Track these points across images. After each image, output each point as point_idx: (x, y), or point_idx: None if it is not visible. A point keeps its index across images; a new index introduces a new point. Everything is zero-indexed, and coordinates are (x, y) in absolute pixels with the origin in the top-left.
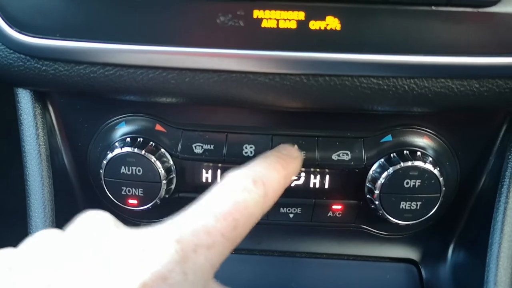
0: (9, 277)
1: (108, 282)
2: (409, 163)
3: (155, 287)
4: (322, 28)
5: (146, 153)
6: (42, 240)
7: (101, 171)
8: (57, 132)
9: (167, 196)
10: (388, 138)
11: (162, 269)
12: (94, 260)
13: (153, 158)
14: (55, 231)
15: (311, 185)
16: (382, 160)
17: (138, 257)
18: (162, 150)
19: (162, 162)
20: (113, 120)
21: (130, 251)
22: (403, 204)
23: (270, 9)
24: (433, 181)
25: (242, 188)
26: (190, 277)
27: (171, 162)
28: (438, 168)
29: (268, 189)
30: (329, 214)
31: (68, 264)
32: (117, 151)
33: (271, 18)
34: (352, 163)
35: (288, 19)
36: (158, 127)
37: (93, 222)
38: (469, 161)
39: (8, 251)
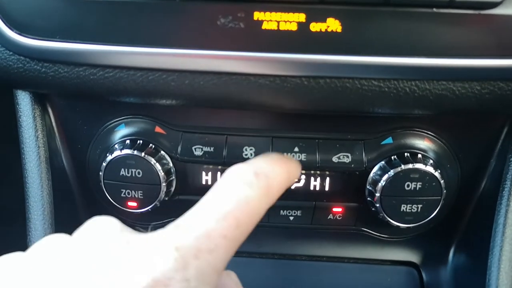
0: (17, 281)
1: (121, 273)
2: (410, 166)
3: (164, 285)
4: (323, 30)
5: (146, 155)
6: (49, 245)
7: (100, 173)
8: (57, 134)
9: (166, 198)
10: (389, 140)
11: (162, 276)
12: (98, 266)
13: (152, 160)
14: (63, 236)
15: (312, 188)
16: (383, 162)
17: (138, 263)
18: (162, 152)
19: (162, 164)
20: (113, 122)
21: (130, 258)
22: (403, 206)
23: (270, 11)
24: (434, 183)
25: (243, 182)
26: (192, 284)
27: (171, 164)
28: (439, 171)
29: (271, 181)
30: (329, 217)
31: (71, 269)
32: (117, 153)
33: (271, 20)
34: (352, 165)
35: (288, 21)
36: (158, 129)
37: (100, 228)
38: (470, 164)
39: (16, 255)
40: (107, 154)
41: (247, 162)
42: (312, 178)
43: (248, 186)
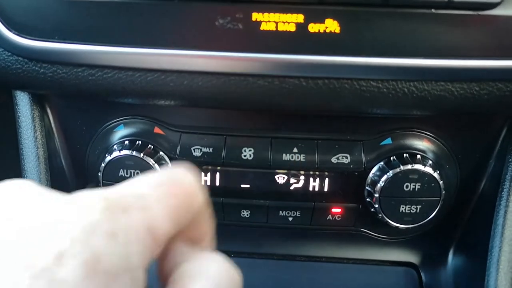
0: None
1: (35, 236)
2: (409, 166)
3: (85, 242)
4: (321, 31)
5: (145, 156)
6: None
7: (99, 174)
8: (55, 134)
9: None
10: (388, 141)
11: (87, 227)
12: (20, 217)
13: (151, 161)
14: None
15: (311, 188)
16: (382, 163)
17: (62, 211)
18: (161, 153)
19: (161, 165)
20: (112, 123)
21: (52, 209)
22: (403, 207)
23: (269, 12)
24: (433, 184)
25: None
26: (120, 240)
27: (170, 165)
28: (438, 171)
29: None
30: (328, 218)
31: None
32: (116, 154)
33: (270, 21)
34: (351, 166)
35: (287, 21)
36: (157, 129)
37: (16, 187)
38: (469, 164)
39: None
40: (106, 155)
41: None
42: (311, 179)
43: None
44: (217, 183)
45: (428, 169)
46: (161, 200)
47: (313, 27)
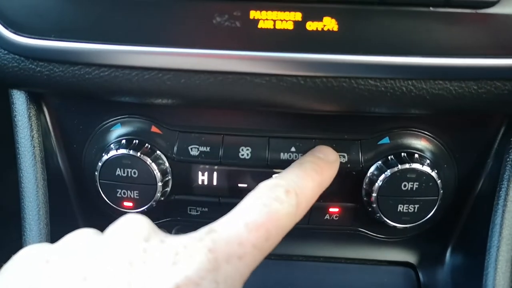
0: (45, 269)
1: (142, 281)
2: (407, 166)
3: (198, 284)
4: (319, 29)
5: (142, 155)
6: (80, 237)
7: (96, 173)
8: (52, 134)
9: (162, 198)
10: (386, 140)
11: (195, 275)
12: (129, 259)
13: (148, 160)
14: (93, 230)
15: None
16: (380, 162)
17: (172, 260)
18: (158, 152)
19: (158, 164)
20: (109, 122)
21: (164, 254)
22: (400, 207)
23: (266, 10)
24: (430, 183)
25: (274, 198)
26: (221, 286)
27: (167, 164)
28: (436, 171)
29: (300, 199)
30: (326, 217)
31: (103, 260)
32: (113, 153)
33: (267, 19)
34: (349, 165)
35: (285, 19)
36: (154, 128)
37: (132, 225)
38: (467, 164)
39: (45, 244)
40: (103, 154)
41: (280, 176)
42: None
43: (279, 203)
44: (215, 183)
45: (426, 169)
46: (257, 246)
47: (311, 25)
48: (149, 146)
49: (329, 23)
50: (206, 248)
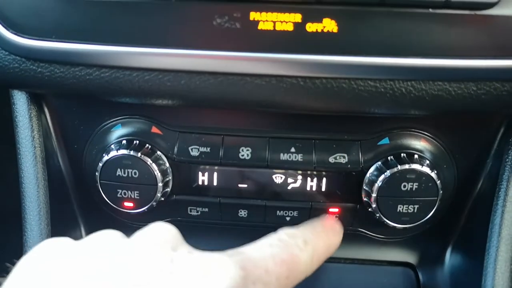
0: (66, 266)
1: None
2: (406, 166)
3: None
4: (319, 30)
5: (142, 156)
6: (106, 238)
7: (96, 173)
8: (53, 134)
9: (163, 198)
10: (385, 141)
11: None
12: (155, 267)
13: (149, 161)
14: (119, 233)
15: (308, 188)
16: (379, 163)
17: (206, 273)
18: (158, 152)
19: (158, 165)
20: (109, 122)
21: (193, 266)
22: (400, 207)
23: (266, 11)
24: (430, 184)
25: (295, 244)
26: None
27: (167, 164)
28: (436, 171)
29: (315, 252)
30: None
31: (128, 265)
32: (113, 153)
33: (267, 20)
34: (349, 166)
35: (284, 21)
36: (154, 129)
37: (159, 233)
38: (467, 164)
39: (68, 240)
40: (104, 154)
41: (297, 228)
42: (309, 179)
43: (299, 249)
44: (215, 183)
45: (426, 169)
46: (279, 279)
47: (311, 27)
48: (150, 146)
49: (329, 25)
50: (238, 265)
